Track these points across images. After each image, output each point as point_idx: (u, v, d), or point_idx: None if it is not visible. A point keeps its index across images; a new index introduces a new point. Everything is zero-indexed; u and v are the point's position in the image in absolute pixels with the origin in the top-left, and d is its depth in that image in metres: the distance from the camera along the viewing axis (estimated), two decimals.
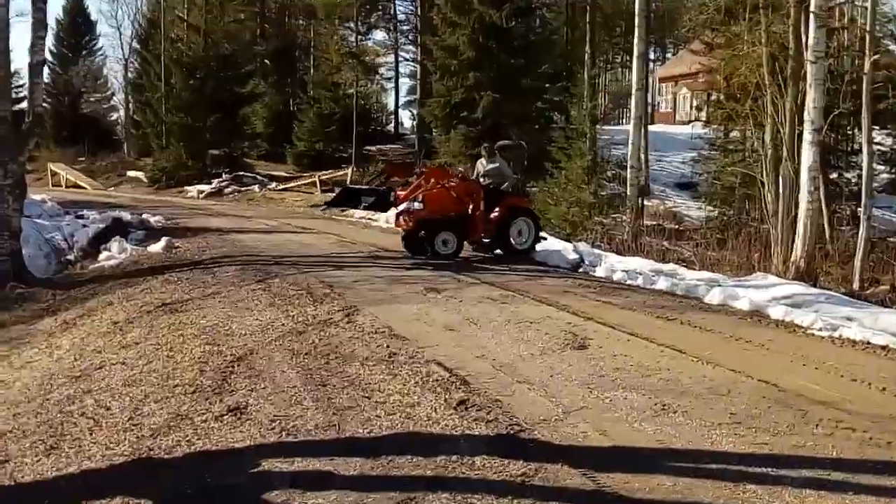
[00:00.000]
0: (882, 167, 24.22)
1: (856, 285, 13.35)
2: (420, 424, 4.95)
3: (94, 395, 5.90)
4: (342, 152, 37.75)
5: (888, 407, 5.31)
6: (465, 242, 13.49)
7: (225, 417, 5.18)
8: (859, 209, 23.00)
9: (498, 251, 13.59)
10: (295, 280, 10.53)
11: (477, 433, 4.77)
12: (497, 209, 13.25)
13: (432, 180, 13.24)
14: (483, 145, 14.43)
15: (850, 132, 25.53)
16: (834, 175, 23.97)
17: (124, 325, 8.34)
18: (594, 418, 5.01)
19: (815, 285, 12.07)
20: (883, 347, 7.17)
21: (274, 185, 35.04)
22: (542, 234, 14.11)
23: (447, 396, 5.44)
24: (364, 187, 14.49)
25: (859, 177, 25.14)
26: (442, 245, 12.92)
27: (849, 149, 25.77)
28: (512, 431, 4.78)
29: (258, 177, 36.61)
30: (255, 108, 41.96)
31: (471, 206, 13.19)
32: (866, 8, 22.95)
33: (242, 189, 34.34)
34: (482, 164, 13.81)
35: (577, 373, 6.07)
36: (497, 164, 13.69)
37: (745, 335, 7.52)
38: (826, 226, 18.36)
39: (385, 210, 14.86)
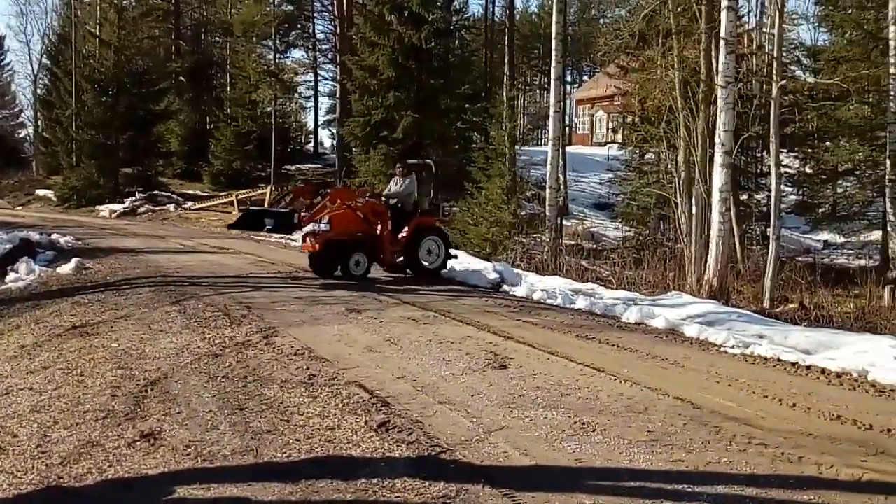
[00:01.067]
0: (790, 188, 25.11)
1: (766, 303, 13.74)
2: (340, 447, 4.88)
3: (0, 422, 5.66)
4: (260, 171, 37.34)
5: (798, 422, 5.46)
6: (377, 263, 13.44)
7: (138, 443, 5.02)
8: (768, 229, 23.88)
9: (408, 272, 13.52)
10: (212, 301, 10.33)
11: (398, 455, 4.72)
12: (405, 229, 13.26)
13: (338, 201, 13.06)
14: (397, 165, 14.68)
15: (759, 154, 26.46)
16: (744, 196, 24.77)
17: (32, 349, 8.03)
18: (515, 438, 5.02)
19: (727, 303, 12.42)
20: (793, 364, 7.38)
21: (190, 204, 34.39)
22: (453, 252, 14.15)
23: (368, 418, 5.38)
24: (268, 209, 14.25)
25: (768, 198, 26.09)
26: (354, 266, 12.78)
27: (758, 171, 26.68)
28: (433, 453, 4.75)
29: (173, 196, 35.90)
30: (170, 125, 41.22)
31: (378, 227, 13.15)
32: (773, 35, 23.92)
33: (157, 208, 33.61)
34: (395, 183, 13.91)
35: (497, 392, 6.08)
36: (408, 184, 13.66)
37: (662, 353, 7.65)
38: (737, 245, 18.94)
39: (289, 232, 14.94)
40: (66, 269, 13.79)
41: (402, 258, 13.43)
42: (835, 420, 5.52)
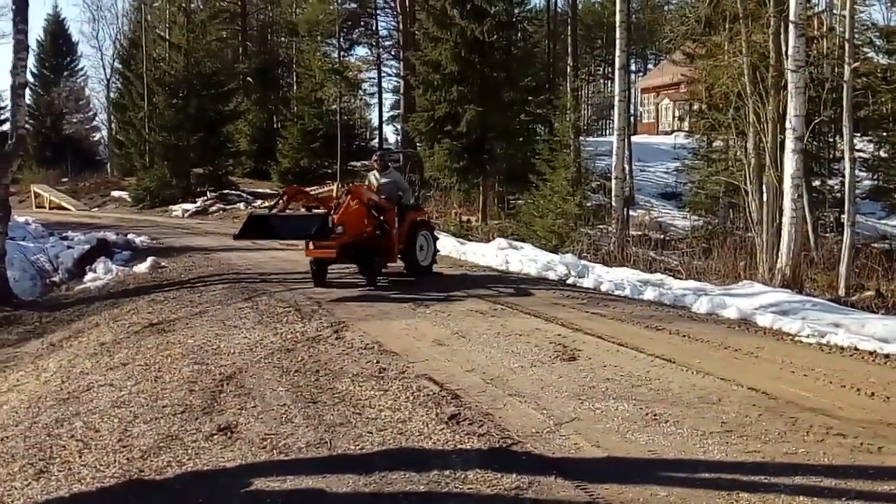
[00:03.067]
0: (864, 174, 24.42)
1: (841, 291, 13.43)
2: (412, 440, 4.93)
3: (83, 418, 5.84)
4: (327, 168, 37.71)
5: (877, 412, 5.33)
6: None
7: (215, 437, 5.14)
8: (842, 216, 23.28)
9: (404, 270, 12.50)
10: (282, 297, 10.51)
11: (469, 447, 4.76)
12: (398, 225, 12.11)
13: (357, 199, 11.57)
14: (374, 157, 13.29)
15: (831, 140, 25.78)
16: (817, 182, 24.18)
17: (111, 347, 8.28)
18: (586, 429, 5.01)
19: (800, 292, 12.15)
20: (870, 353, 7.21)
21: (259, 202, 34.89)
22: (520, 244, 14.00)
23: (438, 411, 5.42)
24: (288, 213, 11.75)
25: (842, 184, 25.42)
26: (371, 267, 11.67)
27: (830, 156, 26.00)
28: (504, 444, 4.77)
29: (243, 194, 36.48)
30: (239, 125, 41.91)
31: (387, 224, 11.96)
32: (844, 17, 23.26)
33: (227, 207, 34.20)
34: (375, 178, 12.69)
35: (567, 384, 6.06)
36: (392, 178, 12.55)
37: (734, 343, 7.54)
38: (810, 233, 18.49)
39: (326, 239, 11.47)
40: (142, 267, 14.17)
41: (399, 256, 12.28)
42: None
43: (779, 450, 4.60)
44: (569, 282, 12.41)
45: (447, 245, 17.01)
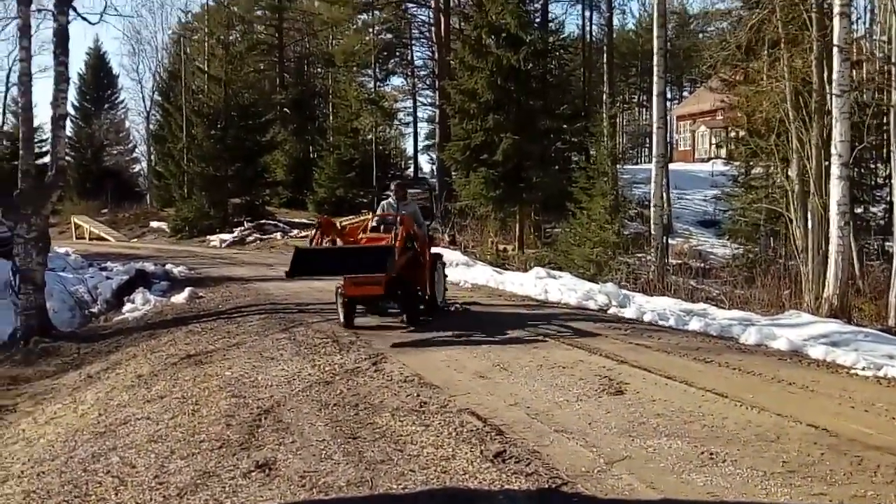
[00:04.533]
0: None
1: (891, 321, 13.03)
2: (456, 479, 4.74)
3: (119, 452, 5.73)
4: (363, 198, 37.81)
5: None
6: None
7: (253, 474, 4.99)
8: (887, 243, 22.77)
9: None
10: (320, 328, 10.40)
11: (517, 487, 4.55)
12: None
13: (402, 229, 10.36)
14: (391, 186, 12.02)
15: (873, 166, 25.30)
16: (859, 210, 23.69)
17: (149, 379, 8.20)
18: (639, 469, 4.78)
19: (849, 322, 11.80)
20: None
21: (296, 232, 35.03)
22: (559, 273, 13.68)
23: (483, 448, 5.23)
24: (341, 245, 10.93)
25: (885, 210, 24.94)
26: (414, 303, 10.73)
27: (872, 182, 25.51)
28: (554, 485, 4.56)
29: (280, 224, 36.65)
30: (276, 156, 42.27)
31: (421, 257, 11.13)
32: (886, 41, 22.88)
33: (264, 237, 34.36)
34: (391, 208, 11.38)
35: (616, 420, 5.84)
36: (411, 209, 11.45)
37: (787, 377, 7.26)
38: (855, 261, 18.07)
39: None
40: (180, 298, 14.17)
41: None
42: None
43: (846, 492, 4.34)
44: (610, 312, 12.17)
45: (484, 275, 16.88)
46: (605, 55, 32.30)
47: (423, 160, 53.08)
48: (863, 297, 16.00)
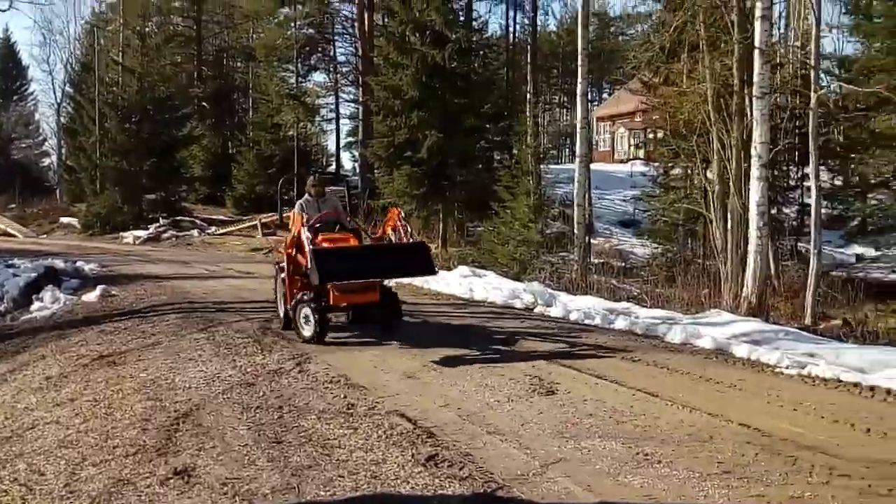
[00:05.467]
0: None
1: (808, 320, 13.32)
2: (388, 484, 4.56)
3: (27, 459, 5.40)
4: (284, 195, 37.12)
5: (878, 450, 5.07)
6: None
7: (171, 481, 4.73)
8: (800, 244, 23.43)
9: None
10: (241, 327, 10.07)
11: (451, 492, 4.40)
12: None
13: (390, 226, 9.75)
14: (310, 181, 10.60)
15: (787, 168, 26.01)
16: (773, 211, 24.28)
17: (58, 380, 7.77)
18: (575, 471, 4.68)
19: (766, 321, 12.00)
20: (854, 385, 6.97)
21: (213, 229, 34.30)
22: (483, 272, 13.51)
23: (414, 451, 5.06)
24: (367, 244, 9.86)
25: (798, 212, 25.68)
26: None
27: (785, 184, 26.21)
28: (489, 489, 4.42)
29: (197, 221, 35.81)
30: (193, 151, 41.27)
31: None
32: (797, 47, 23.53)
33: (181, 234, 33.50)
34: (311, 206, 10.12)
35: (549, 421, 5.74)
36: (332, 205, 10.43)
37: (715, 375, 7.27)
38: (771, 261, 18.49)
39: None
40: (92, 296, 13.60)
41: None
42: None
43: (784, 493, 4.30)
44: (536, 310, 12.12)
45: None
46: (528, 55, 32.41)
47: (346, 157, 52.61)
48: (778, 296, 16.35)
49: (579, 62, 19.35)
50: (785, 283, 17.81)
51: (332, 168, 48.38)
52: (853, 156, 21.85)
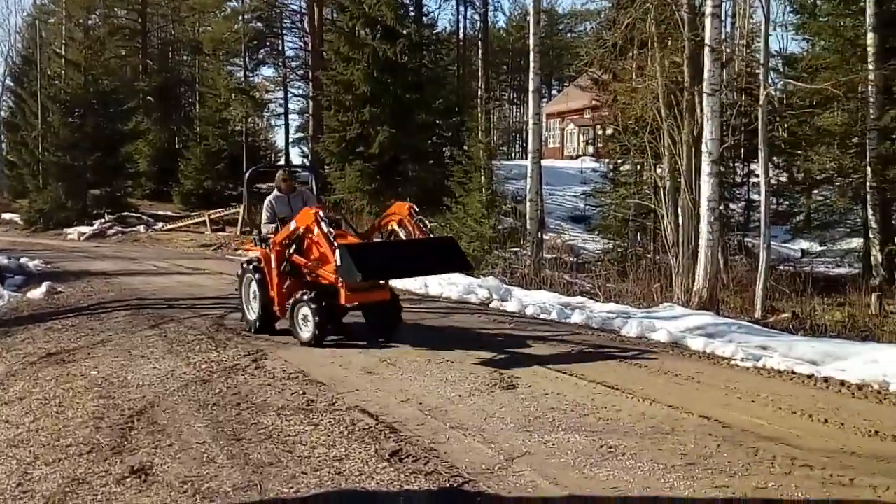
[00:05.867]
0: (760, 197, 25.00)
1: (757, 314, 13.51)
2: (352, 480, 4.49)
3: None
4: (232, 190, 36.68)
5: (837, 440, 5.14)
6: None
7: (128, 480, 4.61)
8: (747, 239, 23.81)
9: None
10: (193, 324, 9.93)
11: (417, 487, 4.36)
12: None
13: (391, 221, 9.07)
14: (279, 175, 9.96)
15: (733, 164, 26.39)
16: (721, 206, 24.63)
17: (5, 379, 7.54)
18: (540, 465, 4.66)
19: (717, 314, 12.15)
20: (809, 376, 7.08)
21: (161, 225, 33.70)
22: None
23: (377, 447, 5.01)
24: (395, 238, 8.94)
25: (745, 208, 26.08)
26: None
27: (733, 181, 26.60)
28: (455, 484, 4.38)
29: (143, 217, 35.15)
30: (139, 145, 40.50)
31: None
32: (743, 45, 23.92)
33: (127, 230, 32.88)
34: (281, 201, 9.63)
35: (511, 414, 5.72)
36: (304, 199, 9.88)
37: (673, 368, 7.33)
38: (720, 256, 18.75)
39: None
40: (37, 293, 13.27)
41: None
42: (873, 436, 5.22)
43: (748, 484, 4.33)
44: (492, 305, 12.12)
45: None
46: (479, 51, 32.43)
47: (295, 153, 52.19)
48: (728, 290, 16.57)
49: (531, 58, 19.38)
50: (734, 278, 18.06)
51: (282, 163, 47.96)
52: (798, 152, 22.24)
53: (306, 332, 8.44)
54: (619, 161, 23.90)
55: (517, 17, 60.18)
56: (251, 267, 9.56)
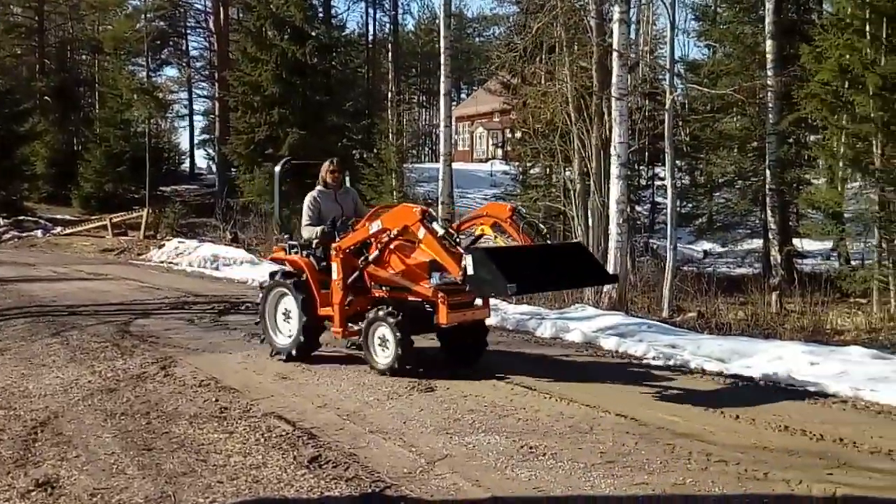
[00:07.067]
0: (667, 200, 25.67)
1: (665, 313, 13.81)
2: (270, 488, 4.38)
3: None
4: (134, 193, 35.66)
5: (749, 436, 5.27)
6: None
7: (33, 494, 4.39)
8: (652, 241, 24.40)
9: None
10: (97, 331, 9.58)
11: (338, 494, 4.27)
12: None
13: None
14: (327, 166, 8.33)
15: (639, 168, 27.01)
16: (628, 208, 25.18)
17: None
18: (462, 467, 4.64)
19: (628, 314, 12.38)
20: (718, 374, 7.27)
21: (59, 229, 32.47)
22: None
23: (296, 453, 4.90)
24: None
25: (650, 210, 26.74)
26: None
27: (638, 183, 27.23)
28: (377, 489, 4.32)
29: (41, 221, 33.82)
30: (36, 147, 38.92)
31: None
32: (647, 51, 24.52)
33: (23, 234, 31.55)
34: (327, 199, 8.20)
35: (430, 418, 5.69)
36: (353, 198, 8.57)
37: (588, 368, 7.41)
38: (627, 257, 19.14)
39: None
40: None
41: None
42: (783, 431, 5.37)
43: (667, 480, 4.40)
44: None
45: None
46: (389, 53, 32.37)
47: (200, 154, 51.18)
48: (636, 290, 16.91)
49: (442, 61, 19.42)
50: (641, 279, 18.44)
51: (186, 166, 46.95)
52: (701, 156, 22.91)
53: (384, 357, 7.11)
54: (529, 164, 24.19)
55: (426, 20, 60.33)
56: (284, 279, 7.95)
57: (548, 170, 22.56)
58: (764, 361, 7.73)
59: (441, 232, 6.69)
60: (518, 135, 25.98)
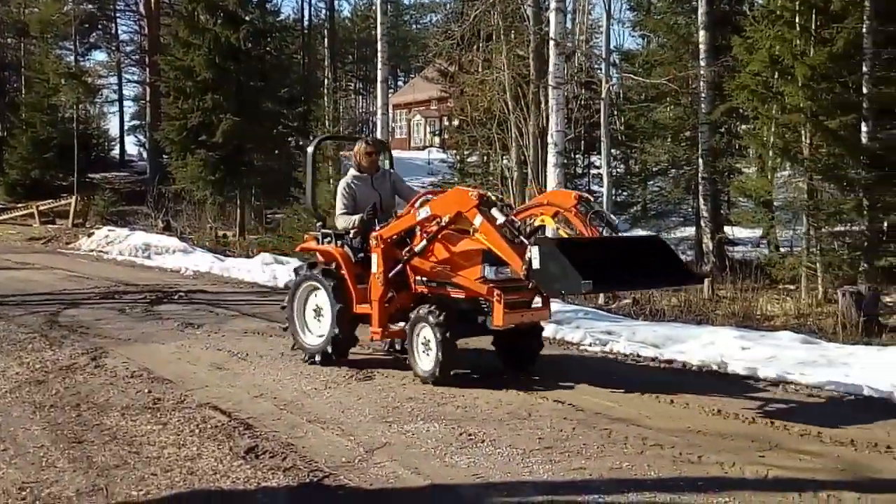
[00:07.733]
0: (603, 188, 25.97)
1: (601, 300, 13.96)
2: (206, 480, 4.30)
3: None
4: (62, 181, 34.79)
5: (683, 420, 5.37)
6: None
7: None
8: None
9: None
10: (24, 321, 9.31)
11: (275, 484, 4.22)
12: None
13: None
14: (363, 146, 7.51)
15: (574, 156, 27.25)
16: None
17: None
18: (401, 455, 4.63)
19: (565, 301, 12.48)
20: (653, 359, 7.40)
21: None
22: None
23: (232, 444, 4.83)
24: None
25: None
26: None
27: (574, 172, 27.48)
28: (315, 479, 4.28)
29: None
30: None
31: None
32: (583, 41, 24.72)
33: None
34: (363, 185, 7.34)
35: (369, 406, 5.67)
36: (392, 182, 7.64)
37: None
38: None
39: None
40: None
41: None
42: (717, 415, 5.48)
43: (604, 465, 4.45)
44: None
45: (206, 261, 16.10)
46: (325, 39, 32.10)
47: (130, 141, 50.08)
48: None
49: (379, 48, 19.33)
50: None
51: (116, 153, 45.92)
52: (635, 145, 23.16)
53: (427, 361, 6.33)
54: (467, 152, 24.21)
55: (362, 6, 59.87)
56: (316, 272, 7.22)
57: (485, 158, 22.62)
58: (697, 347, 7.89)
59: (501, 220, 5.97)
60: (456, 123, 25.95)
